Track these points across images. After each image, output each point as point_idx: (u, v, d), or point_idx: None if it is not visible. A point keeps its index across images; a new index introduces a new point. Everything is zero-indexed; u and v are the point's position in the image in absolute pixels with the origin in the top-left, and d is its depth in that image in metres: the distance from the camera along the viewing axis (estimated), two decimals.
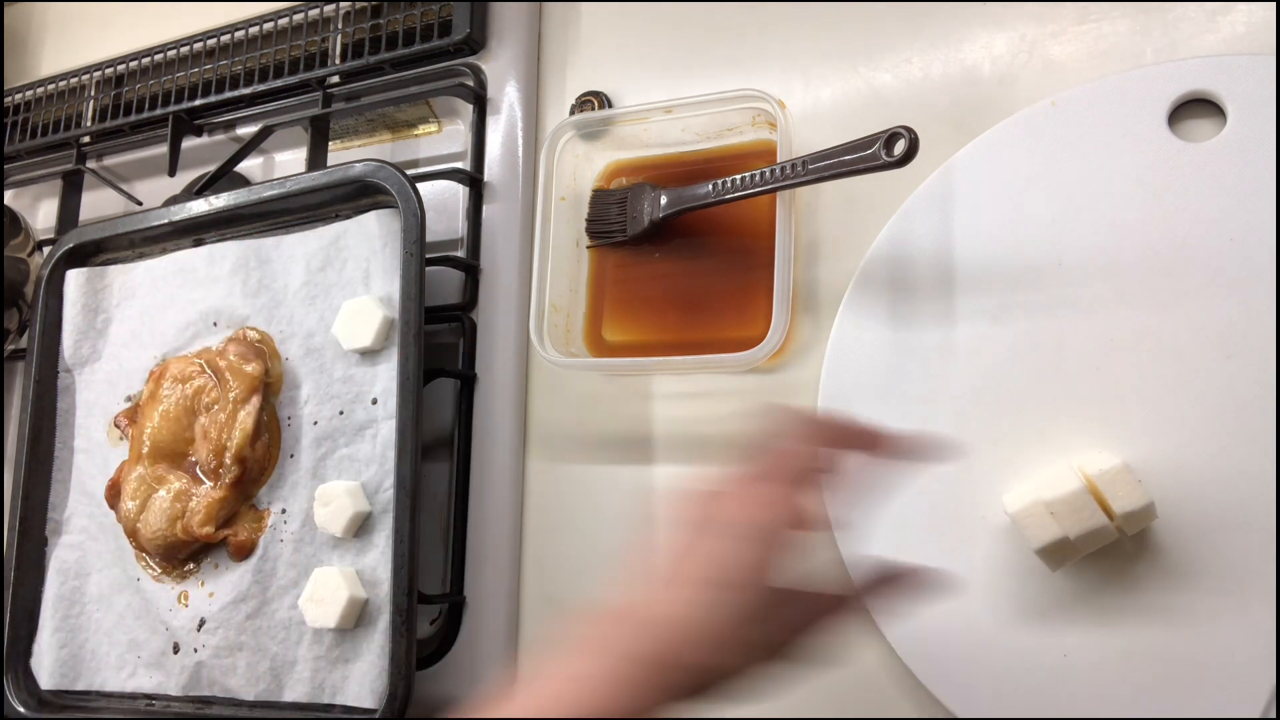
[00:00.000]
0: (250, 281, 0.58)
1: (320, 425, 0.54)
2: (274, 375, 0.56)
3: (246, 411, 0.54)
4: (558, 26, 0.62)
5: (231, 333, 0.58)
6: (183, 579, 0.57)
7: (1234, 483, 0.40)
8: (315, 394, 0.55)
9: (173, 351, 0.60)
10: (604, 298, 0.55)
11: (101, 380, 0.63)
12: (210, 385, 0.56)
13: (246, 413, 0.54)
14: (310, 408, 0.55)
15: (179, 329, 0.60)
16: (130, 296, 0.63)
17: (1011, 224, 0.46)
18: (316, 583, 0.51)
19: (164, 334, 0.61)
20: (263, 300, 0.58)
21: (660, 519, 0.52)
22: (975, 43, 0.50)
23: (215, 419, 0.55)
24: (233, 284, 0.59)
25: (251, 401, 0.54)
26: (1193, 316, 0.42)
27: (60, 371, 0.64)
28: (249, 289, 0.58)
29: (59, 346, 0.64)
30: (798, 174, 0.47)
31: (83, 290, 0.64)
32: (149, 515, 0.56)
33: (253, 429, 0.54)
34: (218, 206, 0.60)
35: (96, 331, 0.64)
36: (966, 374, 0.46)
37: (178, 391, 0.57)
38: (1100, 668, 0.41)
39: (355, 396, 0.53)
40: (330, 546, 0.52)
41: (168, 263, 0.62)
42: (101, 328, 0.64)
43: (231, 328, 0.59)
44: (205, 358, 0.57)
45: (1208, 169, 0.43)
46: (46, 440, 0.63)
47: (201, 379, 0.57)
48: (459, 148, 0.63)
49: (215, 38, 0.70)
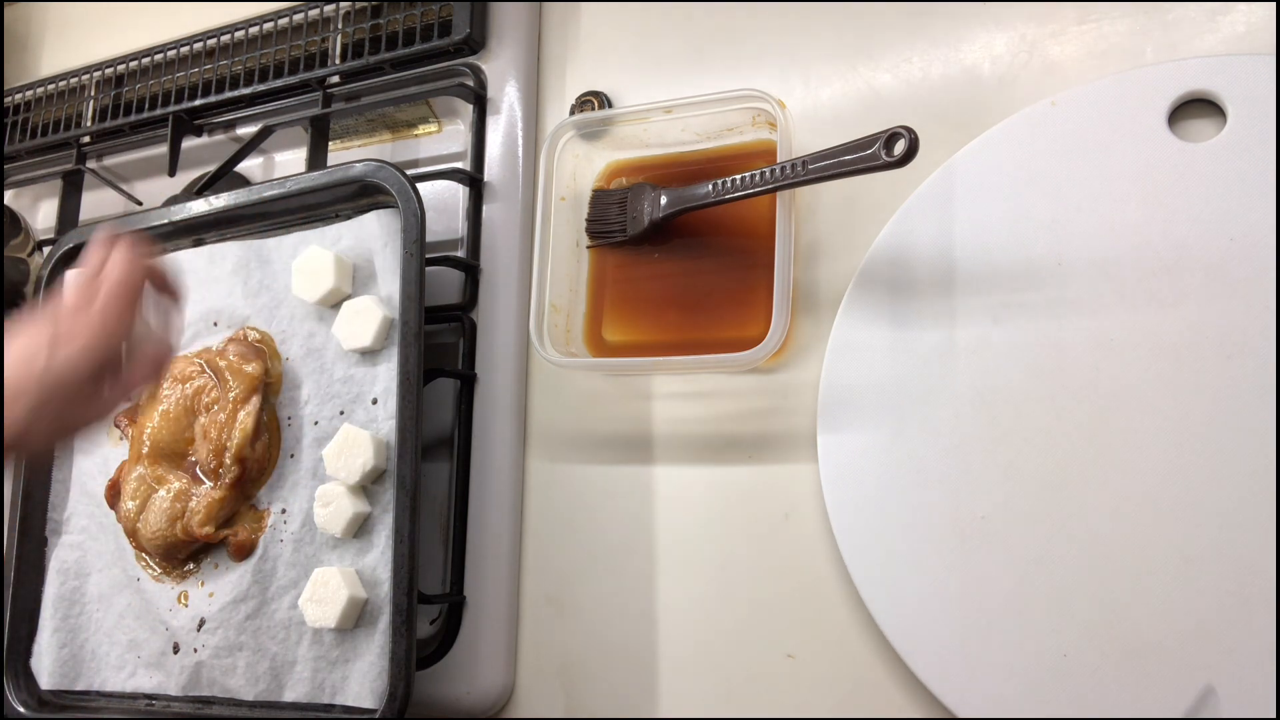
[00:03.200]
0: (251, 281, 0.58)
1: (321, 425, 0.54)
2: (274, 375, 0.56)
3: (246, 411, 0.54)
4: (558, 26, 0.62)
5: (232, 333, 0.58)
6: (182, 579, 0.57)
7: (1234, 483, 0.40)
8: (316, 394, 0.55)
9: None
10: (604, 298, 0.55)
11: None
12: (210, 385, 0.56)
13: (246, 413, 0.54)
14: (311, 408, 0.55)
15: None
16: None
17: (1011, 224, 0.46)
18: (316, 583, 0.51)
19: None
20: (263, 300, 0.58)
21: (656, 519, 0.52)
22: (975, 43, 0.50)
23: (215, 419, 0.55)
24: (233, 284, 0.59)
25: (251, 401, 0.54)
26: (1193, 316, 0.42)
27: None
28: (250, 289, 0.58)
29: None
30: (798, 174, 0.47)
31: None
32: (149, 515, 0.56)
33: (253, 429, 0.54)
34: (218, 207, 0.59)
35: None
36: (966, 374, 0.45)
37: (178, 391, 0.57)
38: (1100, 668, 0.41)
39: (355, 396, 0.53)
40: (330, 547, 0.52)
41: (168, 262, 0.62)
42: None
43: (232, 328, 0.59)
44: (205, 358, 0.57)
45: (1208, 169, 0.43)
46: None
47: (201, 379, 0.57)
48: (459, 148, 0.63)
49: (215, 38, 0.70)
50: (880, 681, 0.46)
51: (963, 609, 0.43)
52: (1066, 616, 0.42)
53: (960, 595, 0.43)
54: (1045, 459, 0.43)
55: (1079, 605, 0.42)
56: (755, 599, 0.49)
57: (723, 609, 0.50)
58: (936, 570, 0.44)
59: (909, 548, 0.45)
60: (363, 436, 0.51)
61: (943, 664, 0.43)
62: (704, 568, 0.51)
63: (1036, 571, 0.42)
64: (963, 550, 0.44)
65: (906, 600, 0.44)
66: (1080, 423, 0.43)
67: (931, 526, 0.45)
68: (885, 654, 0.46)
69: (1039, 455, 0.43)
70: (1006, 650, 0.42)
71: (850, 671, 0.46)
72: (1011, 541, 0.43)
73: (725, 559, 0.50)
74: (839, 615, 0.47)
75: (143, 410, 0.59)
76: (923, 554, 0.45)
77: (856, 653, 0.46)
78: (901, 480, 0.46)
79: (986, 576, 0.43)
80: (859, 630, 0.47)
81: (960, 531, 0.44)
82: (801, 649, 0.48)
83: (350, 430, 0.52)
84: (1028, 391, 0.44)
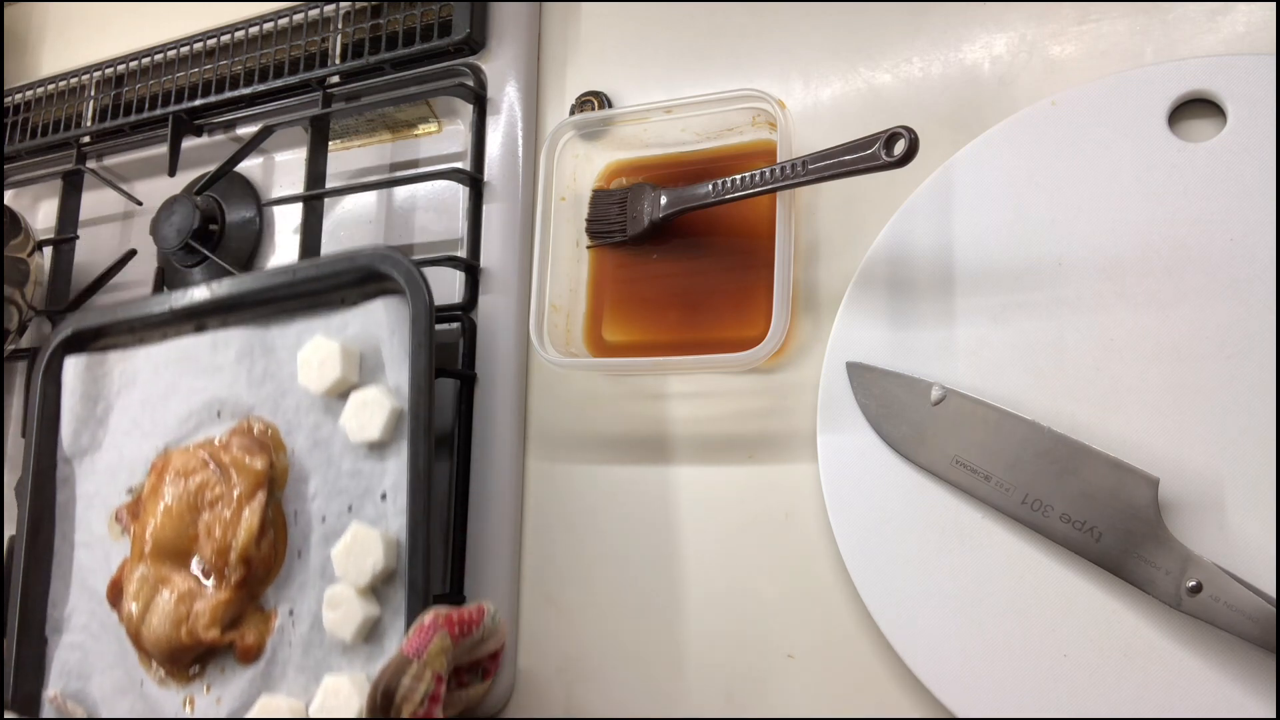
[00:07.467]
0: (255, 370, 0.56)
1: (329, 522, 0.52)
2: (279, 468, 0.54)
3: (251, 509, 0.52)
4: (558, 26, 0.62)
5: (236, 423, 0.56)
6: (188, 683, 0.54)
7: (1234, 483, 0.40)
8: (323, 488, 0.52)
9: (175, 441, 0.58)
10: (604, 298, 0.55)
11: (102, 470, 0.60)
12: (214, 480, 0.54)
13: (251, 510, 0.52)
14: (318, 503, 0.52)
15: (181, 418, 0.58)
16: (131, 384, 0.61)
17: (1011, 224, 0.46)
18: (328, 692, 0.48)
19: (166, 423, 0.58)
20: (268, 390, 0.55)
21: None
22: (975, 43, 0.50)
23: (220, 516, 0.53)
24: (237, 373, 0.56)
25: (257, 498, 0.52)
26: (1193, 316, 0.42)
27: (60, 462, 0.62)
28: (254, 378, 0.56)
29: (58, 436, 0.62)
30: (798, 174, 0.47)
31: (81, 377, 0.62)
32: (152, 618, 0.54)
33: (258, 527, 0.52)
34: (220, 295, 0.57)
35: (96, 420, 0.61)
36: (966, 374, 0.46)
37: (180, 486, 0.54)
38: (1100, 668, 0.41)
39: (364, 491, 0.51)
40: (340, 651, 0.50)
41: (169, 349, 0.59)
42: (101, 416, 0.61)
43: (236, 417, 0.56)
44: (208, 450, 0.55)
45: (1208, 169, 0.43)
46: (46, 533, 0.61)
47: (204, 474, 0.54)
48: (459, 148, 0.63)
49: (215, 38, 0.70)
50: (880, 681, 0.46)
51: (963, 609, 0.43)
52: (1066, 616, 0.42)
53: (960, 595, 0.43)
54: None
55: (1079, 605, 0.42)
56: (755, 599, 0.49)
57: (722, 609, 0.50)
58: (936, 570, 0.44)
59: (909, 548, 0.45)
60: (372, 536, 0.49)
61: (943, 664, 0.43)
62: (704, 567, 0.51)
63: (1036, 571, 0.42)
64: (963, 550, 0.44)
65: (906, 600, 0.44)
66: (1080, 423, 0.43)
67: (931, 526, 0.45)
68: (885, 654, 0.46)
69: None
70: (1007, 650, 0.42)
71: (850, 671, 0.46)
72: (1011, 541, 0.43)
73: (725, 559, 0.50)
74: (839, 615, 0.47)
75: (145, 505, 0.56)
76: (923, 554, 0.45)
77: (856, 653, 0.47)
78: (901, 480, 0.46)
79: (986, 576, 0.43)
80: (859, 630, 0.47)
81: (960, 531, 0.44)
82: (801, 649, 0.48)
83: (359, 530, 0.49)
84: (1028, 391, 0.44)
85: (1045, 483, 0.42)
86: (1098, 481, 0.41)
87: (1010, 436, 0.43)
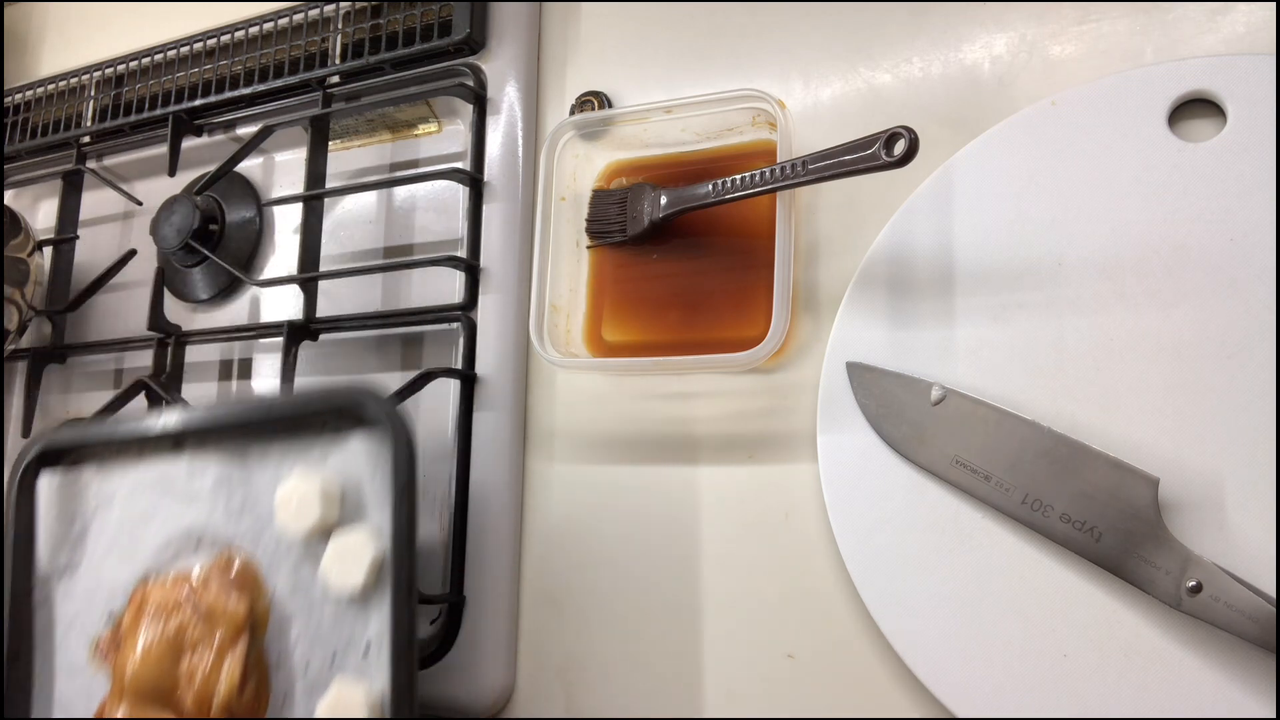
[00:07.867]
0: (233, 502, 0.54)
1: (312, 673, 0.49)
2: (260, 611, 0.51)
3: (233, 656, 0.50)
4: (558, 26, 0.62)
5: (215, 554, 0.53)
6: None
7: (1234, 483, 0.40)
8: (305, 635, 0.50)
9: (154, 569, 0.55)
10: (604, 298, 0.55)
11: (81, 593, 0.58)
12: (194, 622, 0.51)
13: (233, 658, 0.50)
14: (301, 649, 0.50)
15: (159, 546, 0.55)
16: (107, 504, 0.58)
17: (1011, 224, 0.46)
18: None
19: (144, 550, 0.56)
20: (246, 524, 0.53)
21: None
22: (975, 43, 0.50)
23: (201, 661, 0.50)
24: (215, 503, 0.54)
25: (238, 645, 0.50)
26: (1193, 316, 0.42)
27: (37, 583, 0.59)
28: (231, 509, 0.53)
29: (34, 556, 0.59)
30: (798, 174, 0.47)
31: (57, 495, 0.59)
32: None
33: (239, 678, 0.49)
34: (193, 424, 0.54)
35: (73, 540, 0.59)
36: (966, 374, 0.46)
37: (159, 627, 0.52)
38: (1100, 668, 0.41)
39: (348, 643, 0.49)
40: None
41: (146, 471, 0.57)
42: (78, 536, 0.59)
43: (215, 547, 0.53)
44: (186, 588, 0.53)
45: (1208, 169, 0.43)
46: (25, 660, 0.58)
47: (183, 616, 0.52)
48: (459, 148, 0.63)
49: (215, 38, 0.70)
50: (880, 681, 0.46)
51: (963, 609, 0.43)
52: (1066, 616, 0.42)
53: (960, 595, 0.44)
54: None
55: (1079, 605, 0.42)
56: (755, 599, 0.49)
57: (722, 609, 0.50)
58: (936, 570, 0.44)
59: (909, 548, 0.45)
60: (356, 698, 0.47)
61: (943, 664, 0.43)
62: (704, 567, 0.51)
63: (1036, 571, 0.42)
64: (963, 550, 0.44)
65: (906, 600, 0.44)
66: (1080, 423, 0.43)
67: (931, 526, 0.45)
68: (885, 654, 0.46)
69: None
70: (1006, 650, 0.42)
71: (850, 671, 0.46)
72: (1011, 541, 0.43)
73: (725, 559, 0.50)
74: (839, 615, 0.47)
75: (124, 639, 0.54)
76: (923, 554, 0.45)
77: (856, 653, 0.47)
78: (901, 480, 0.46)
79: (986, 576, 0.43)
80: (859, 630, 0.47)
81: (960, 531, 0.44)
82: (801, 649, 0.48)
83: (343, 691, 0.47)
84: (1028, 391, 0.44)
85: (1045, 483, 0.42)
86: (1098, 481, 0.41)
87: (1010, 436, 0.43)
